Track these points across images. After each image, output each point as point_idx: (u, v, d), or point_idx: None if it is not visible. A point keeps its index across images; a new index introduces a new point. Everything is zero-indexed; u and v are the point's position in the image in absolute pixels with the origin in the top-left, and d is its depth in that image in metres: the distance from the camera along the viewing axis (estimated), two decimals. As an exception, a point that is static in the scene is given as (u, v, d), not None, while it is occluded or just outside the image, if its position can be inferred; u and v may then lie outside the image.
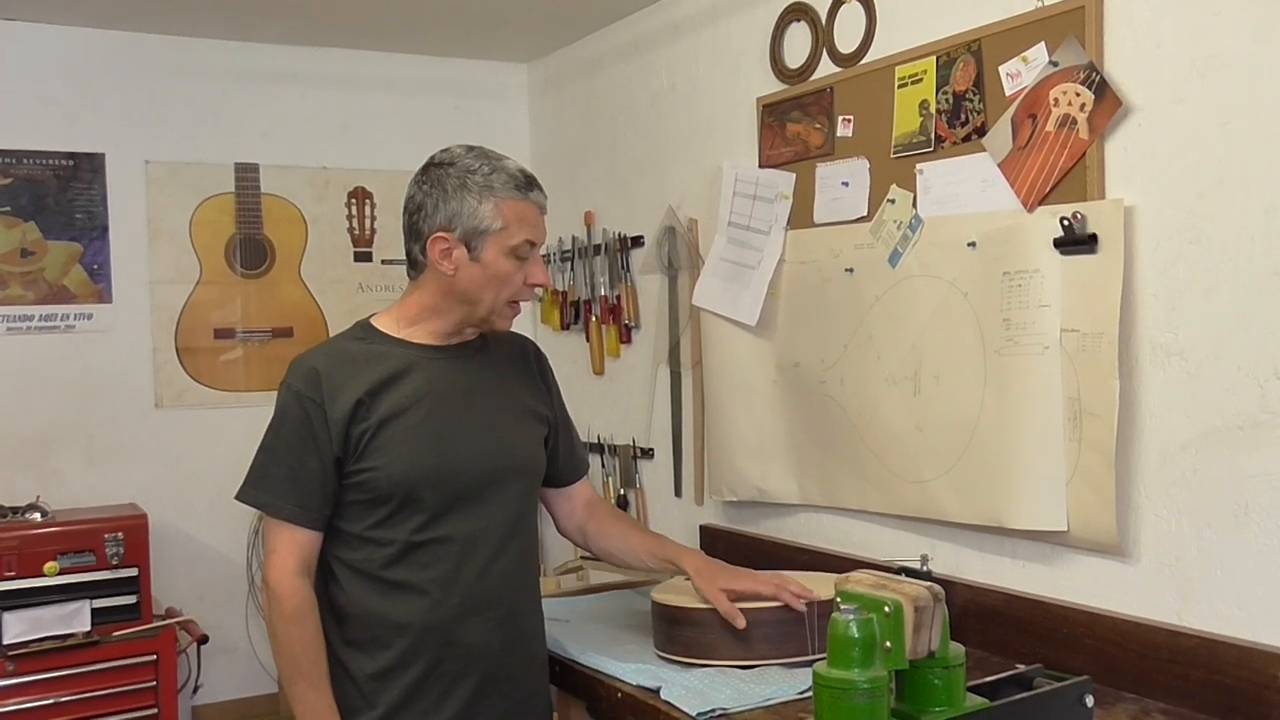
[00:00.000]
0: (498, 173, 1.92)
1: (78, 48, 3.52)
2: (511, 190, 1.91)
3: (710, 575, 2.04)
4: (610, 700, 2.04)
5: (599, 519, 2.21)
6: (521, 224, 1.91)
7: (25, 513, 3.26)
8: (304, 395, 1.91)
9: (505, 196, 1.90)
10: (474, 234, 1.91)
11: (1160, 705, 1.88)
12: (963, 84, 2.29)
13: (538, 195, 1.94)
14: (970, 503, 2.26)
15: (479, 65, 4.08)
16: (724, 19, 3.02)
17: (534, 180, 1.95)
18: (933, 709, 1.51)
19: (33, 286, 3.48)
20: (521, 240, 1.91)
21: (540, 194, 1.95)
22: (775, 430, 2.79)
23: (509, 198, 1.90)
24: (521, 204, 1.91)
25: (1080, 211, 2.03)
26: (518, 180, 1.92)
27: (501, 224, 1.90)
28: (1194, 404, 1.90)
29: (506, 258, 1.91)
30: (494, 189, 1.91)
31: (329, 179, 3.90)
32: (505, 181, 1.91)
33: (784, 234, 2.75)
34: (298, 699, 1.89)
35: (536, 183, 1.96)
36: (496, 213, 1.90)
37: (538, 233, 1.94)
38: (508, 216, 1.90)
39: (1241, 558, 1.84)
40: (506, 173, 1.92)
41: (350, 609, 1.93)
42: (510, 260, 1.92)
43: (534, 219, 1.93)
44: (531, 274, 1.95)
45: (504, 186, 1.91)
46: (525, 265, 1.94)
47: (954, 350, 2.29)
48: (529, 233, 1.92)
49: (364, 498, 1.92)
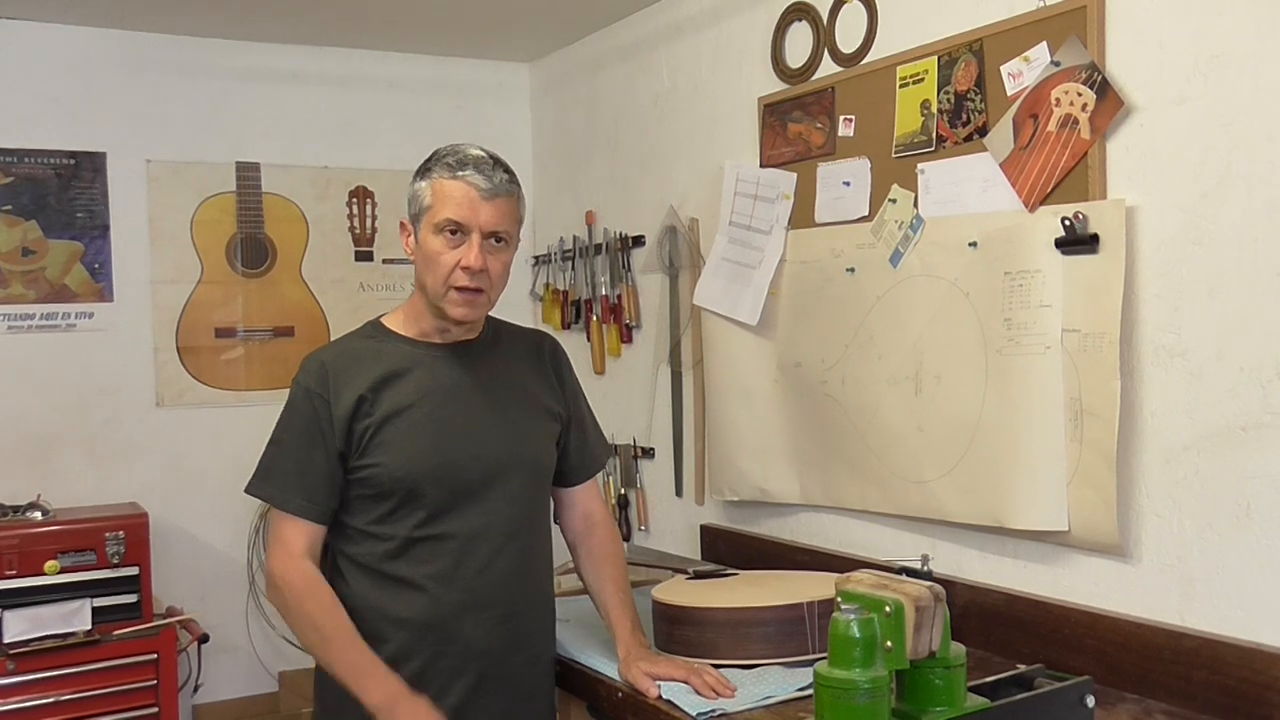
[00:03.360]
0: (449, 155, 1.92)
1: (79, 47, 3.52)
2: (443, 169, 1.90)
3: (634, 659, 2.01)
4: (611, 700, 2.04)
5: (590, 545, 2.17)
6: (445, 201, 1.88)
7: (26, 511, 3.26)
8: (312, 391, 1.93)
9: (438, 175, 1.90)
10: (417, 216, 1.94)
11: (1162, 706, 1.88)
12: (964, 84, 2.29)
13: (471, 175, 1.88)
14: (971, 503, 2.26)
15: (480, 65, 4.08)
16: (725, 19, 3.02)
17: (481, 163, 1.90)
18: (933, 709, 1.51)
19: (34, 285, 3.48)
20: (444, 218, 1.88)
21: (478, 176, 1.88)
22: (776, 430, 2.79)
23: (440, 176, 1.90)
24: (450, 182, 1.89)
25: (1082, 211, 2.02)
26: (459, 159, 1.90)
27: (430, 201, 1.90)
28: (1196, 404, 1.90)
29: (435, 235, 1.89)
30: (432, 170, 1.92)
31: (330, 178, 3.90)
32: (445, 163, 1.91)
33: (785, 234, 2.75)
34: (335, 661, 1.88)
35: (483, 166, 1.90)
36: (428, 191, 1.91)
37: (462, 211, 1.87)
38: (435, 194, 1.90)
39: (1243, 558, 1.84)
40: (455, 155, 1.91)
41: (351, 602, 1.94)
42: (438, 239, 1.89)
43: (459, 197, 1.88)
44: (463, 256, 1.88)
45: (440, 166, 1.91)
46: (460, 248, 1.89)
47: (955, 350, 2.29)
48: (451, 210, 1.88)
49: (367, 493, 1.93)
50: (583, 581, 2.20)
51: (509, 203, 1.93)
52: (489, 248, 1.91)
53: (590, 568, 2.16)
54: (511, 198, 1.94)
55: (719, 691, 1.91)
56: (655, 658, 2.03)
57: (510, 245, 1.96)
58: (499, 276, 1.95)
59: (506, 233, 1.94)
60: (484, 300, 1.95)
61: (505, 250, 1.95)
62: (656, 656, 2.04)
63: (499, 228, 1.91)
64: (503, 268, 1.95)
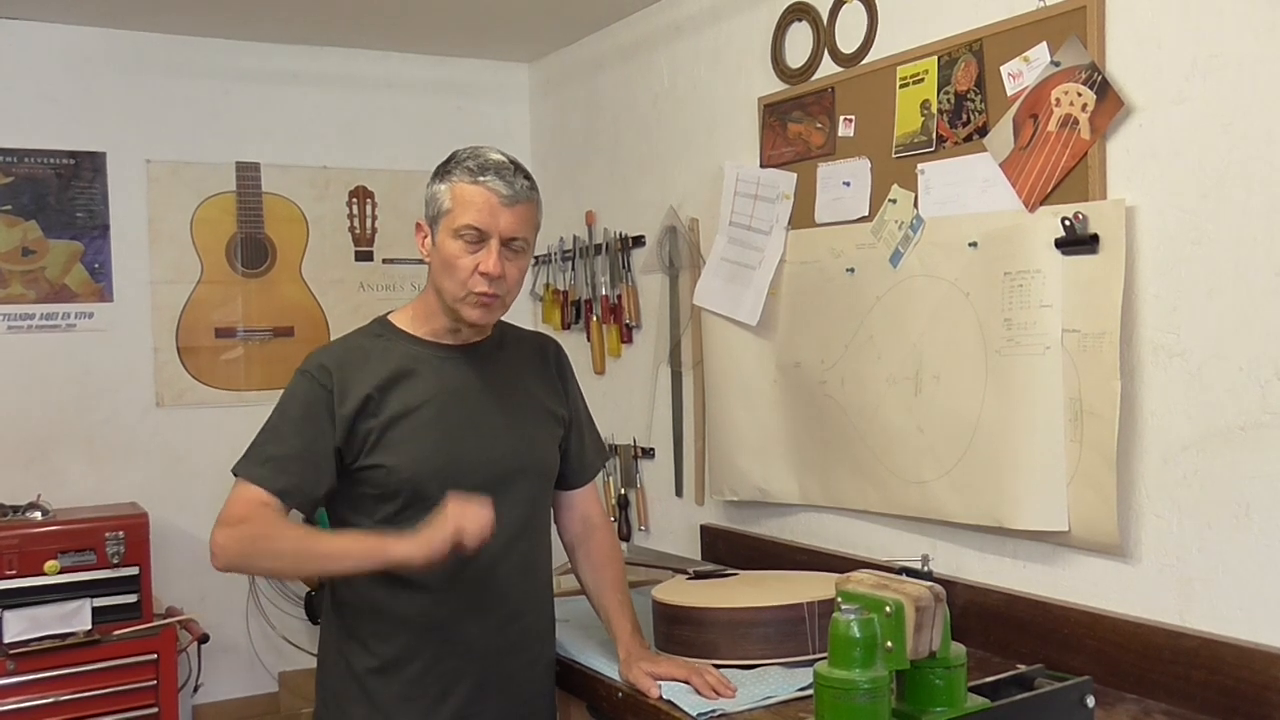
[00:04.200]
0: (470, 159, 1.91)
1: (79, 46, 3.51)
2: (464, 174, 1.89)
3: (635, 659, 2.01)
4: (611, 700, 2.04)
5: (589, 548, 2.17)
6: (466, 207, 1.88)
7: (26, 511, 3.25)
8: (316, 380, 1.91)
9: (458, 180, 1.90)
10: (435, 218, 1.93)
11: (1161, 706, 1.88)
12: (964, 84, 2.29)
13: (493, 181, 1.88)
14: (971, 503, 2.26)
15: (480, 65, 4.08)
16: (725, 19, 3.02)
17: (502, 169, 1.89)
18: (934, 709, 1.51)
19: (34, 285, 3.48)
20: (463, 223, 1.87)
21: (499, 181, 1.87)
22: (776, 430, 2.79)
23: (461, 181, 1.89)
24: (470, 187, 1.88)
25: (1082, 212, 2.02)
26: (480, 163, 1.89)
27: (449, 206, 1.90)
28: (1195, 404, 1.90)
29: (453, 240, 1.89)
30: (452, 173, 1.91)
31: (330, 178, 3.89)
32: (466, 167, 1.90)
33: (785, 234, 2.75)
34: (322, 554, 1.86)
35: (504, 172, 1.89)
36: (448, 195, 1.90)
37: (482, 217, 1.87)
38: (455, 198, 1.89)
39: (1243, 558, 1.84)
40: (476, 160, 1.90)
41: (355, 601, 1.94)
42: (456, 243, 1.88)
43: (480, 203, 1.87)
44: (481, 261, 1.88)
45: (461, 170, 1.90)
46: (479, 254, 1.88)
47: (955, 350, 2.29)
48: (472, 216, 1.87)
49: (373, 492, 1.92)
50: (580, 584, 2.20)
51: (528, 209, 1.92)
52: (507, 254, 1.90)
53: (589, 570, 2.16)
54: (531, 204, 1.93)
55: (719, 691, 1.91)
56: (656, 658, 2.03)
57: (528, 251, 1.96)
58: (515, 282, 1.95)
59: (525, 239, 1.93)
60: (500, 305, 1.95)
61: (523, 256, 1.95)
62: (657, 657, 2.04)
63: (518, 234, 1.91)
64: (519, 273, 1.95)
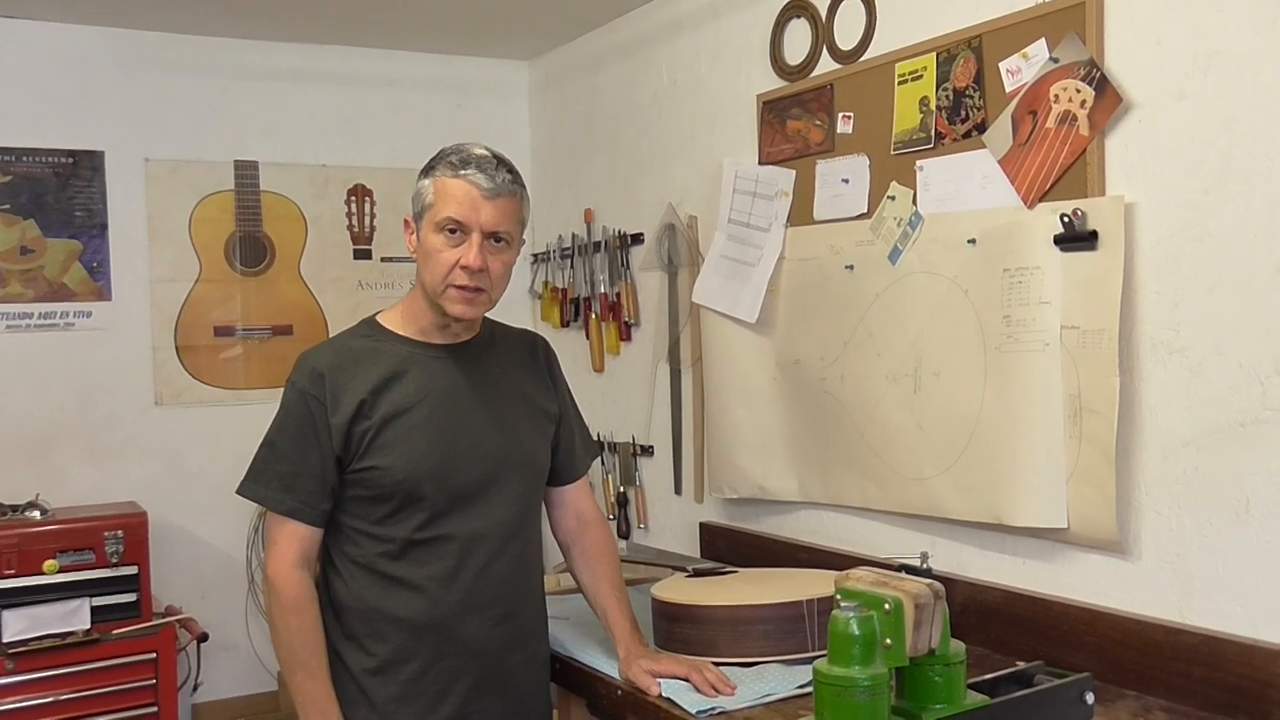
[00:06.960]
0: (453, 154, 1.91)
1: (77, 45, 3.51)
2: (446, 168, 1.90)
3: (635, 657, 2.01)
4: (610, 698, 2.04)
5: (584, 544, 2.16)
6: (447, 200, 1.88)
7: (25, 510, 3.25)
8: (308, 393, 1.91)
9: (441, 174, 1.90)
10: (419, 213, 1.93)
11: (1161, 702, 1.88)
12: (963, 80, 2.28)
13: (474, 174, 1.87)
14: (971, 500, 2.26)
15: (479, 63, 4.08)
16: (724, 16, 3.01)
17: (484, 162, 1.89)
18: (933, 706, 1.51)
19: (32, 284, 3.48)
20: (445, 216, 1.87)
21: (480, 175, 1.87)
22: (775, 427, 2.79)
23: (443, 174, 1.90)
24: (452, 181, 1.88)
25: (1081, 208, 2.02)
26: (462, 157, 1.89)
27: (432, 200, 1.90)
28: (1195, 401, 1.90)
29: (435, 233, 1.89)
30: (435, 168, 1.92)
31: (329, 177, 3.89)
32: (449, 161, 1.90)
33: (784, 231, 2.75)
34: (297, 689, 1.90)
35: (485, 165, 1.89)
36: (431, 189, 1.91)
37: (463, 210, 1.86)
38: (438, 192, 1.89)
39: (1243, 554, 1.84)
40: (459, 154, 1.91)
41: (351, 602, 1.94)
42: (438, 237, 1.88)
43: (461, 196, 1.87)
44: (463, 255, 1.87)
45: (444, 165, 1.91)
46: (461, 247, 1.88)
47: (954, 347, 2.29)
48: (453, 209, 1.87)
49: (367, 494, 1.92)
50: (576, 581, 2.19)
51: (511, 203, 1.91)
52: (489, 248, 1.89)
53: (585, 567, 2.15)
54: (514, 198, 1.92)
55: (719, 689, 1.91)
56: (656, 655, 2.03)
57: (512, 246, 1.95)
58: (499, 276, 1.93)
59: (508, 233, 1.92)
60: (484, 299, 1.94)
61: (506, 250, 1.93)
62: (657, 654, 2.04)
63: (500, 228, 1.90)
64: (503, 268, 1.93)
